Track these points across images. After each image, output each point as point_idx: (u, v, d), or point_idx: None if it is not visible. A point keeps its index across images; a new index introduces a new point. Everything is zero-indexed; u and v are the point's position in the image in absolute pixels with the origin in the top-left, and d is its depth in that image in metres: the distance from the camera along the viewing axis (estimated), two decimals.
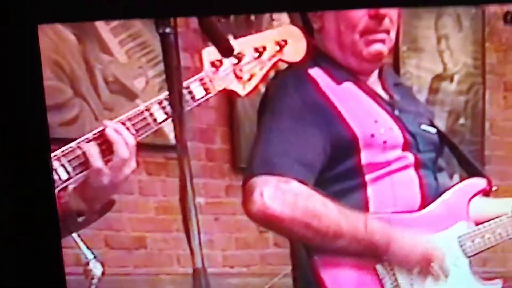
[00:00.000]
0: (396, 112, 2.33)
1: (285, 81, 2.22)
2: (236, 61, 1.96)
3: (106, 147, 1.88)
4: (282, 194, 2.12)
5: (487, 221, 2.29)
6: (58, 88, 3.52)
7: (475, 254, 2.28)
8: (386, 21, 2.26)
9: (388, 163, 2.24)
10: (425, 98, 4.77)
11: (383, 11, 2.24)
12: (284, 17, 3.79)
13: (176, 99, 1.53)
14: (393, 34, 2.30)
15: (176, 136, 1.57)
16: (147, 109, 1.88)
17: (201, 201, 3.89)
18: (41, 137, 1.62)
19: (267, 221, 2.13)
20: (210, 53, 1.94)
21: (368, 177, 2.22)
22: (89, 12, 1.57)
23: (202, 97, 1.93)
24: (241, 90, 1.97)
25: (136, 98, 3.69)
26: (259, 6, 1.86)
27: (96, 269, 2.97)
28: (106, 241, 3.67)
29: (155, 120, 1.90)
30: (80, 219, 1.98)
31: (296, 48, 2.03)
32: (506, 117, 5.25)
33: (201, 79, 1.93)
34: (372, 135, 2.23)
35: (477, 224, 2.29)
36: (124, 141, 1.86)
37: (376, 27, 2.25)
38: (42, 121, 1.60)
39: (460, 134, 4.95)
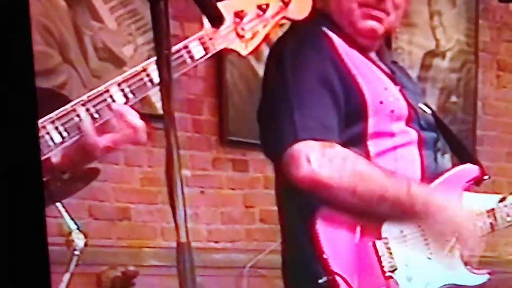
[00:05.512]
0: (398, 87, 2.31)
1: (300, 39, 2.18)
2: (238, 19, 1.87)
3: (100, 115, 1.79)
4: (329, 160, 2.11)
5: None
6: (47, 54, 3.50)
7: None
8: (388, 3, 2.24)
9: (392, 134, 2.23)
10: (416, 75, 4.77)
11: None
12: None
13: (164, 67, 1.50)
14: (393, 17, 2.27)
15: (163, 106, 1.54)
16: (144, 70, 1.80)
17: (187, 174, 3.85)
18: (29, 101, 1.59)
19: (314, 187, 2.11)
20: None
21: (372, 150, 2.20)
22: None
23: (202, 57, 1.84)
24: (243, 49, 1.88)
25: (124, 66, 3.65)
26: None
27: (79, 239, 2.94)
28: (89, 211, 3.64)
29: (151, 80, 1.81)
30: (65, 176, 1.91)
31: (301, 6, 1.93)
32: (498, 97, 5.25)
33: (201, 38, 1.84)
34: (381, 102, 2.21)
35: None
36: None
37: (376, 4, 2.23)
38: (31, 85, 1.59)
39: (452, 112, 4.95)
